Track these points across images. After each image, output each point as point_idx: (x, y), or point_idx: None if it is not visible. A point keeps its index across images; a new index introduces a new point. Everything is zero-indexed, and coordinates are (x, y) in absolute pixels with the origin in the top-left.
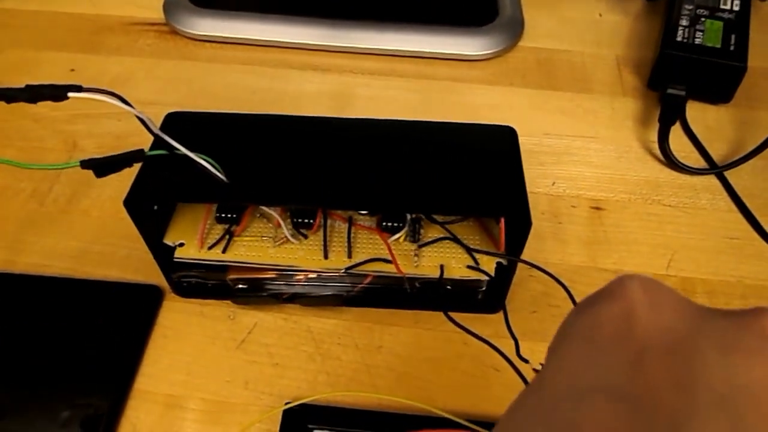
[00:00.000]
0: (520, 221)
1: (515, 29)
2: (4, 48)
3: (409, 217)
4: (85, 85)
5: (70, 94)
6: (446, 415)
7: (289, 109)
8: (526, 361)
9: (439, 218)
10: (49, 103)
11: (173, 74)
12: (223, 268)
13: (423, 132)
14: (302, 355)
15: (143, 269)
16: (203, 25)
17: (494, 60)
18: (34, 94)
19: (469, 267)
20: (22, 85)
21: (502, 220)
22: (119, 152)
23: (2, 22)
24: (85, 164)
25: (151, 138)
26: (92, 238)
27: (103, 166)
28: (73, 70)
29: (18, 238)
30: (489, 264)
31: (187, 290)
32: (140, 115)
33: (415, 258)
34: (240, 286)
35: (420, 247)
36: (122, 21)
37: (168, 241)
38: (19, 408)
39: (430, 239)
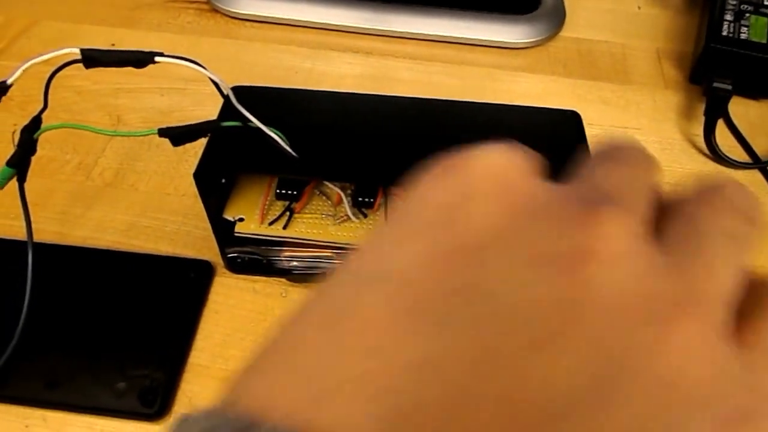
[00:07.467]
0: None
1: (557, 18)
2: (40, 19)
3: None
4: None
5: (157, 59)
6: None
7: None
8: None
9: None
10: (90, 76)
11: (214, 52)
12: (279, 245)
13: (487, 113)
14: None
15: (192, 244)
16: (244, 3)
17: (535, 49)
18: (116, 58)
19: None
20: (104, 47)
21: None
22: (194, 122)
23: None
24: (163, 132)
25: (196, 115)
26: (140, 212)
27: (180, 135)
28: (113, 44)
29: (66, 210)
30: None
31: (241, 266)
32: (218, 81)
33: None
34: (295, 263)
35: None
36: None
37: (228, 216)
38: (76, 379)
39: None
